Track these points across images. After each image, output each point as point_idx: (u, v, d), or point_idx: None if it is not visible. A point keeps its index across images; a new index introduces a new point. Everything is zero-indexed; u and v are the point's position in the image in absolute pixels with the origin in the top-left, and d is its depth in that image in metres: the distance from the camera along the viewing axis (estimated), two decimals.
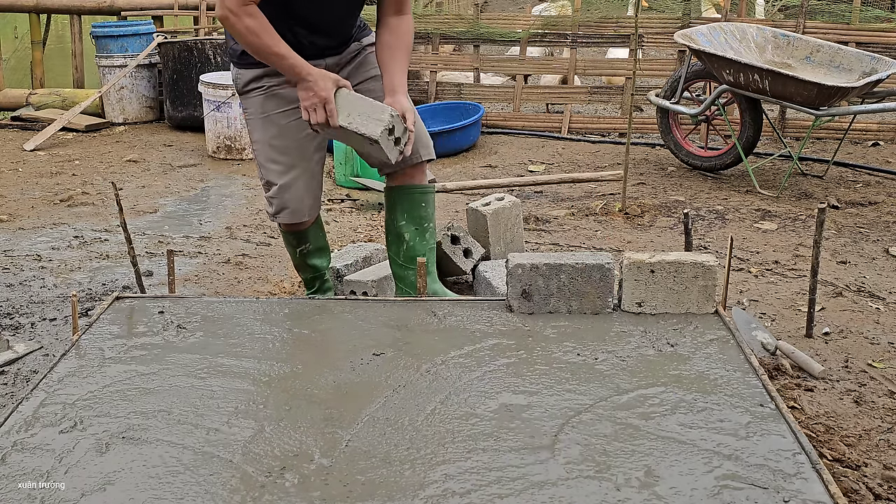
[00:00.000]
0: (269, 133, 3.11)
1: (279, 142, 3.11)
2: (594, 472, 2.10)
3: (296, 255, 3.38)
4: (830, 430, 2.77)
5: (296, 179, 3.15)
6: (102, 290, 4.02)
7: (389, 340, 2.82)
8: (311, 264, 3.40)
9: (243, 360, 2.68)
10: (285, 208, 3.19)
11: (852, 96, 5.49)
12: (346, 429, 2.29)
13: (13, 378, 3.16)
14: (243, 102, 3.17)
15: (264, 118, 3.11)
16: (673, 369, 2.61)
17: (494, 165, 6.49)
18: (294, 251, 3.36)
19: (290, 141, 3.11)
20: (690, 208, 5.22)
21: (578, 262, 2.97)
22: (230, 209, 5.39)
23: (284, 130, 3.10)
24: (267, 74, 3.06)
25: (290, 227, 3.29)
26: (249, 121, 3.17)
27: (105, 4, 8.56)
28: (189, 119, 7.46)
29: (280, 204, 3.18)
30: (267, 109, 3.09)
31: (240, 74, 3.11)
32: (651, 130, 7.17)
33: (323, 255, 3.41)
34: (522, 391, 2.48)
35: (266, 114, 3.10)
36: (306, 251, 3.35)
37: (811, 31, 6.86)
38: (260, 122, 3.12)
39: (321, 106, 2.85)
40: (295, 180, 3.15)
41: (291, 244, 3.35)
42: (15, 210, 5.31)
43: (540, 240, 4.72)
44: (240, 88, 3.14)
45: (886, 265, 4.35)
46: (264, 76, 3.07)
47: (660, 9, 7.96)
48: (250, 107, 3.14)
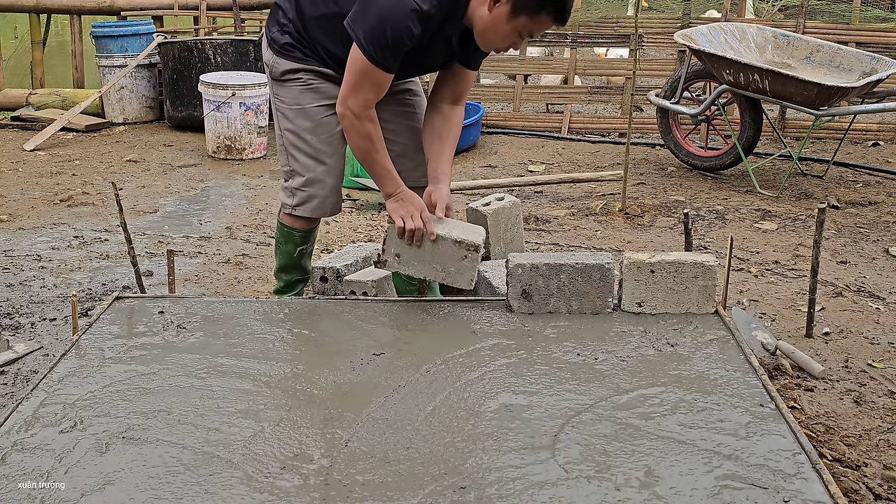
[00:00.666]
0: (304, 125, 3.08)
1: (313, 135, 3.08)
2: (594, 472, 2.10)
3: (293, 255, 3.32)
4: (830, 430, 2.77)
5: (327, 173, 3.12)
6: (102, 290, 4.02)
7: (389, 340, 2.82)
8: (303, 265, 3.37)
9: (243, 360, 2.67)
10: (311, 200, 3.14)
11: (852, 96, 5.49)
12: (346, 429, 2.29)
13: (13, 378, 3.16)
14: (276, 89, 3.12)
15: (299, 109, 3.08)
16: (673, 369, 2.61)
17: (494, 165, 6.49)
18: (294, 249, 3.31)
19: (326, 135, 3.09)
20: (690, 208, 5.22)
21: (578, 262, 2.97)
22: (230, 209, 5.39)
23: (320, 124, 3.08)
24: (305, 70, 3.05)
25: (304, 224, 3.24)
26: (280, 108, 3.12)
27: (105, 4, 8.56)
28: (189, 119, 7.46)
29: (305, 196, 3.14)
30: (303, 102, 3.07)
31: (277, 62, 3.08)
32: (651, 130, 7.17)
33: (311, 257, 3.40)
34: (522, 391, 2.48)
35: (301, 106, 3.07)
36: (305, 251, 3.33)
37: (811, 31, 6.86)
38: (294, 112, 3.09)
39: (417, 213, 2.92)
40: (326, 174, 3.12)
41: (294, 242, 3.29)
42: (15, 210, 5.31)
43: (540, 240, 4.72)
44: (276, 75, 3.09)
45: (886, 265, 4.35)
46: (301, 70, 3.05)
47: (660, 9, 7.96)
48: (284, 95, 3.10)
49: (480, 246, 2.94)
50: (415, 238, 2.93)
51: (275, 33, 3.08)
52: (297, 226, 3.25)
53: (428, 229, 2.92)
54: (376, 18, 2.74)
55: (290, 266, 3.35)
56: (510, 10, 2.74)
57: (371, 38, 2.76)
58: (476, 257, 2.94)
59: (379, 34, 2.75)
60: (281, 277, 3.40)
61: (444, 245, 2.94)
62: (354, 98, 2.85)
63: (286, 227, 3.26)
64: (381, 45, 2.76)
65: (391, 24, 2.73)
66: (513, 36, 2.81)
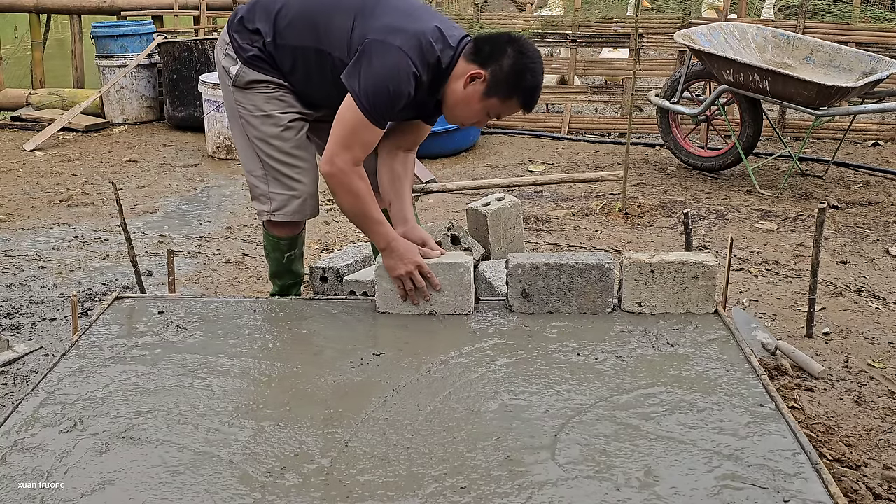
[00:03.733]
0: (271, 131, 3.07)
1: (282, 141, 3.08)
2: (594, 472, 2.10)
3: (282, 262, 3.32)
4: (830, 430, 2.77)
5: (302, 174, 3.12)
6: (102, 290, 4.02)
7: (389, 340, 2.82)
8: (294, 270, 3.37)
9: (243, 360, 2.67)
10: (290, 203, 3.13)
11: (852, 96, 5.49)
12: (346, 429, 2.29)
13: (13, 378, 3.16)
14: (239, 97, 3.09)
15: (264, 116, 3.07)
16: (673, 369, 2.61)
17: (494, 165, 6.49)
18: (282, 257, 3.30)
19: (295, 139, 3.09)
20: (690, 208, 5.22)
21: (578, 262, 2.97)
22: (230, 209, 5.39)
23: (288, 128, 3.08)
24: (270, 81, 3.04)
25: (288, 231, 3.23)
26: (244, 115, 3.09)
27: (105, 4, 8.57)
28: (189, 119, 7.46)
29: (284, 200, 3.13)
30: (267, 109, 3.06)
31: (244, 71, 3.06)
32: (651, 130, 7.17)
33: (302, 260, 3.40)
34: (522, 391, 2.48)
35: (266, 112, 3.07)
36: (294, 256, 3.32)
37: (811, 31, 6.87)
38: (259, 120, 3.08)
39: (416, 272, 2.94)
40: (302, 175, 3.12)
41: (281, 250, 3.29)
42: (15, 210, 5.31)
43: (540, 240, 4.72)
44: (241, 83, 3.07)
45: (886, 265, 4.35)
46: (266, 81, 3.05)
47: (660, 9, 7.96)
48: (247, 102, 3.08)
49: (473, 264, 3.01)
50: (415, 296, 2.99)
51: (244, 44, 3.03)
52: (283, 234, 3.24)
53: (432, 283, 2.97)
54: (379, 77, 2.77)
55: (281, 272, 3.36)
56: (485, 90, 2.85)
57: (372, 95, 2.78)
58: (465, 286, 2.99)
59: (381, 92, 2.77)
60: (275, 282, 3.42)
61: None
62: (343, 156, 2.84)
63: (272, 236, 3.27)
64: (381, 103, 2.79)
65: (393, 84, 2.77)
66: (481, 114, 2.92)
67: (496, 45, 2.85)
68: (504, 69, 2.81)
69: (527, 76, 2.83)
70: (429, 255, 3.01)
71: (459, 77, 2.86)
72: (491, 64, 2.82)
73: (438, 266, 2.97)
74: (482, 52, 2.84)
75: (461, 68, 2.86)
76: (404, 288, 2.96)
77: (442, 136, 6.45)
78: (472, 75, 2.83)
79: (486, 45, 2.86)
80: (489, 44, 2.86)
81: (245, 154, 3.16)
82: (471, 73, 2.83)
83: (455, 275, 2.97)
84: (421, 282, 2.95)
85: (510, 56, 2.81)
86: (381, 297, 3.00)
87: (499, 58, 2.81)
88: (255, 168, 3.14)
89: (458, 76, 2.86)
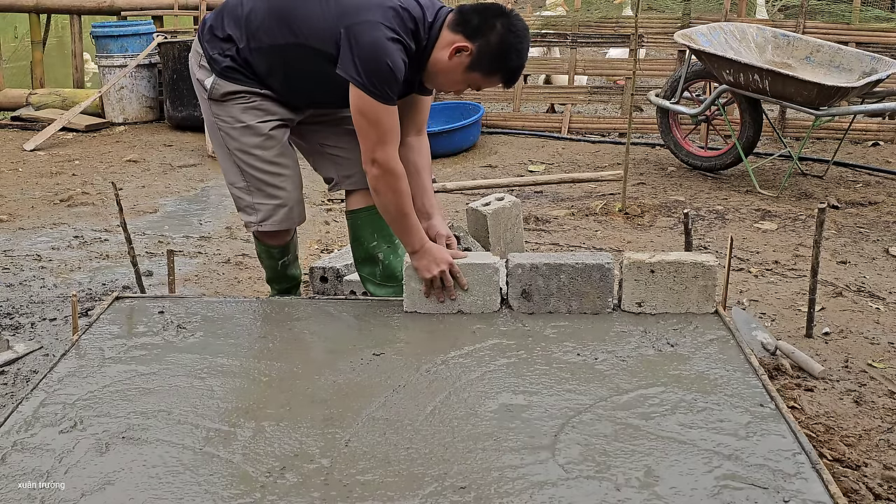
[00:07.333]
0: (251, 141, 3.02)
1: (264, 150, 3.03)
2: (594, 472, 2.10)
3: (276, 269, 3.30)
4: (830, 430, 2.77)
5: (287, 182, 3.08)
6: (102, 290, 4.02)
7: (389, 340, 2.82)
8: (290, 274, 3.36)
9: (243, 360, 2.68)
10: (277, 212, 3.09)
11: (852, 96, 5.49)
12: (346, 429, 2.29)
13: (13, 378, 3.16)
14: (215, 109, 3.03)
15: (243, 127, 3.01)
16: (673, 369, 2.61)
17: (494, 165, 6.49)
18: (276, 264, 3.29)
19: (277, 148, 3.04)
20: (690, 208, 5.22)
21: (578, 262, 2.97)
22: (230, 209, 5.38)
23: (269, 137, 3.03)
24: (247, 91, 2.99)
25: (274, 239, 3.20)
26: (223, 128, 3.04)
27: (105, 4, 8.56)
28: (189, 119, 7.46)
29: (271, 209, 3.09)
30: (246, 119, 3.01)
31: (218, 83, 3.00)
32: (651, 130, 7.17)
33: (297, 263, 3.39)
34: (522, 391, 2.48)
35: (245, 123, 3.01)
36: (287, 262, 3.31)
37: (811, 31, 6.86)
38: (238, 131, 3.02)
39: (447, 270, 2.95)
40: (286, 183, 3.08)
41: (273, 257, 3.27)
42: (15, 210, 5.31)
43: (540, 240, 4.72)
44: (216, 96, 3.01)
45: (886, 265, 4.35)
46: (242, 92, 3.00)
47: (660, 9, 7.96)
48: (225, 114, 3.03)
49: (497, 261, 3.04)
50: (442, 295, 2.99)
51: (215, 55, 2.99)
52: (274, 243, 3.23)
53: (460, 283, 2.98)
54: (371, 55, 2.75)
55: (277, 277, 3.36)
56: (469, 63, 2.83)
57: (373, 75, 2.76)
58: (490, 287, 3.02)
59: (381, 68, 2.75)
60: (272, 287, 3.42)
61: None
62: (380, 152, 2.82)
63: (263, 244, 3.25)
64: (384, 79, 2.77)
65: (388, 57, 2.75)
66: (462, 85, 2.92)
67: (485, 17, 2.81)
68: (491, 45, 2.79)
69: (512, 55, 2.82)
70: (457, 256, 3.01)
71: (444, 47, 2.83)
72: (478, 38, 2.79)
73: (467, 266, 2.99)
74: (470, 24, 2.81)
75: (446, 38, 2.83)
76: (432, 286, 2.97)
77: (442, 136, 6.44)
78: (458, 47, 2.80)
79: (474, 17, 2.82)
80: (478, 16, 2.82)
81: (226, 166, 3.11)
82: (457, 45, 2.80)
83: (483, 275, 2.99)
84: (450, 281, 2.96)
85: (498, 32, 2.78)
86: (409, 296, 3.01)
87: (487, 32, 2.78)
88: (237, 180, 3.09)
89: (442, 45, 2.84)
